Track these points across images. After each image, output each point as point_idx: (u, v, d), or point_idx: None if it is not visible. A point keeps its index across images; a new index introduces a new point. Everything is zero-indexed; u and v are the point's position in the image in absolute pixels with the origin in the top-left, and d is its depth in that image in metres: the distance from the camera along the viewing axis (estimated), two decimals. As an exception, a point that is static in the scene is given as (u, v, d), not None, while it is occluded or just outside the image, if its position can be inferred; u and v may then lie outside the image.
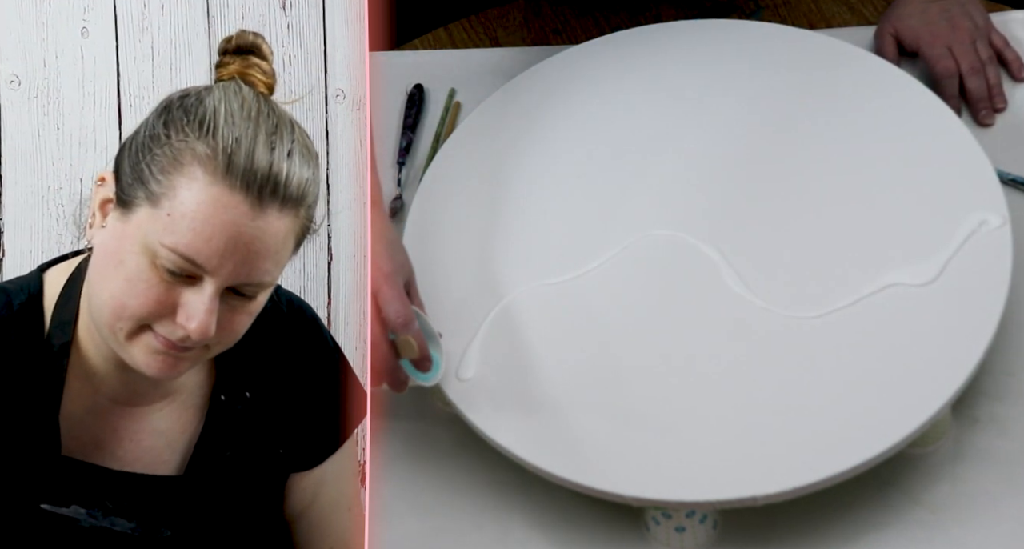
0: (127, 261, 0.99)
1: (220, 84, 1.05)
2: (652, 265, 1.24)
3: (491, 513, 1.22)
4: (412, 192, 1.36)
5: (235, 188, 0.98)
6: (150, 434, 1.12)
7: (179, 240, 0.98)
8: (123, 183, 1.02)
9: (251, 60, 1.06)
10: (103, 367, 1.08)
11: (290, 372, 1.17)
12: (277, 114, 1.03)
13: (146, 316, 1.00)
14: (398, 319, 1.16)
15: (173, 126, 1.01)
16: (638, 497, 1.13)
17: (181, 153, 0.99)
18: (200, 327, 0.99)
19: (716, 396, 1.17)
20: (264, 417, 1.15)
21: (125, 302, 1.00)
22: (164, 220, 0.98)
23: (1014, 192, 1.32)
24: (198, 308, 0.99)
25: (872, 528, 1.17)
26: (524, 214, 1.30)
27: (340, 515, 1.21)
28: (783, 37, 1.37)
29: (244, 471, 1.14)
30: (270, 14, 1.58)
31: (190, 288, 0.99)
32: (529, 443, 1.16)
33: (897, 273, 1.20)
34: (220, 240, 0.98)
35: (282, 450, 1.17)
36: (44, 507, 1.06)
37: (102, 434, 1.10)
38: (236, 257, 0.99)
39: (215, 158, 0.98)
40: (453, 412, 1.22)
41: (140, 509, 1.10)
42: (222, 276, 0.99)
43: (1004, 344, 1.23)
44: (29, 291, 1.08)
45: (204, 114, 1.00)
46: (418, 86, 1.49)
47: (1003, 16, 1.47)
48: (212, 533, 1.13)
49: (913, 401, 1.13)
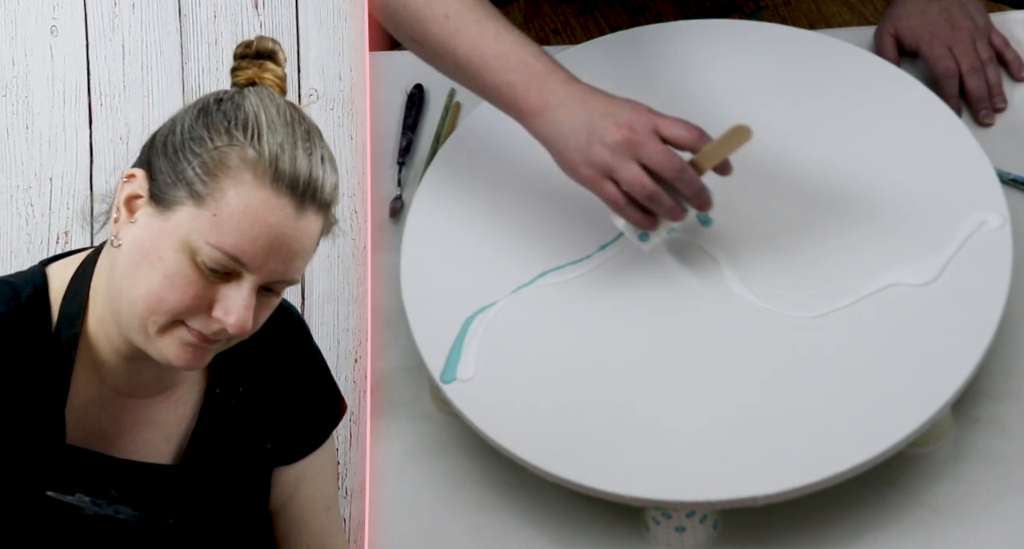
0: (166, 257, 1.03)
1: (252, 89, 1.09)
2: (652, 265, 1.24)
3: (491, 513, 1.22)
4: (412, 192, 1.36)
5: (281, 192, 1.03)
6: (149, 425, 1.15)
7: (225, 239, 1.02)
8: (160, 182, 1.05)
9: (267, 65, 1.10)
10: (111, 359, 1.11)
11: (279, 369, 1.21)
12: (306, 120, 1.08)
13: (183, 311, 1.04)
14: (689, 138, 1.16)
15: (214, 129, 1.05)
16: (638, 497, 1.13)
17: (227, 156, 1.03)
18: (238, 322, 1.04)
19: (716, 396, 1.17)
20: (254, 412, 1.19)
21: (163, 297, 1.04)
22: (210, 220, 1.02)
23: (1014, 192, 1.32)
24: (237, 303, 1.04)
25: (872, 528, 1.17)
26: (524, 214, 1.30)
27: (318, 513, 1.25)
28: (783, 37, 1.37)
29: (235, 462, 1.18)
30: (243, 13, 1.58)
31: (228, 284, 1.04)
32: (529, 443, 1.16)
33: (897, 273, 1.20)
34: (265, 240, 1.03)
35: (270, 445, 1.20)
36: (49, 494, 1.08)
37: (105, 424, 1.12)
38: (278, 256, 1.04)
39: (262, 162, 1.03)
40: (453, 412, 1.22)
41: (143, 498, 1.12)
42: (262, 274, 1.04)
43: (1004, 344, 1.23)
44: (35, 284, 1.10)
45: (246, 118, 1.05)
46: (418, 86, 1.49)
47: (1003, 16, 1.47)
48: (207, 522, 1.16)
49: (913, 401, 1.13)
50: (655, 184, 1.15)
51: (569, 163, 1.18)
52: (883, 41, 1.44)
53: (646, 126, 1.15)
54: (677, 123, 1.16)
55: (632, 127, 1.15)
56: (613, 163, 1.15)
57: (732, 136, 1.16)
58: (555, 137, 1.17)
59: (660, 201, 1.16)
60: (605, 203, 1.18)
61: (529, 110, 1.18)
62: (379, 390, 1.28)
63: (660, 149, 1.15)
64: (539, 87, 1.17)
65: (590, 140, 1.16)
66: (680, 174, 1.15)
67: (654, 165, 1.15)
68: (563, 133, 1.17)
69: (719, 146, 1.16)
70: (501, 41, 1.19)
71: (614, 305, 1.23)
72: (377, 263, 1.35)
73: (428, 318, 1.24)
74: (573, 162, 1.17)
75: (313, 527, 1.25)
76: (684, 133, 1.16)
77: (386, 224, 1.40)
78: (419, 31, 1.21)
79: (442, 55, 1.21)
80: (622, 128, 1.15)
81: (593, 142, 1.16)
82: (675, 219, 1.18)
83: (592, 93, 1.18)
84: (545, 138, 1.19)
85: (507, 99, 1.19)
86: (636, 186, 1.15)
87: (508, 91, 1.19)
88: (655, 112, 1.17)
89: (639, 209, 1.17)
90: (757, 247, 1.24)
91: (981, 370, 1.17)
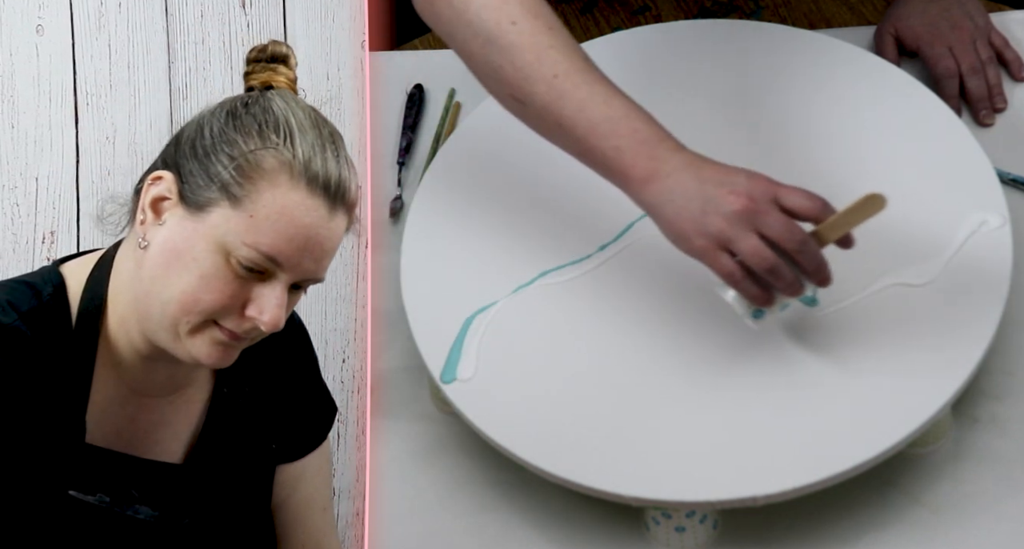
0: (201, 258, 1.05)
1: (275, 92, 1.11)
2: (653, 265, 1.24)
3: (491, 513, 1.22)
4: (412, 192, 1.36)
5: (315, 193, 1.06)
6: (162, 425, 1.16)
7: (261, 239, 1.05)
8: (191, 184, 1.07)
9: (279, 69, 1.13)
10: (129, 358, 1.12)
11: (282, 370, 1.23)
12: (328, 123, 1.11)
13: (217, 311, 1.06)
14: (812, 209, 1.10)
15: (245, 131, 1.07)
16: (638, 497, 1.13)
17: (263, 159, 1.06)
18: (272, 320, 1.07)
19: (716, 396, 1.17)
20: (259, 411, 1.21)
21: (199, 297, 1.06)
22: (246, 221, 1.05)
23: (1014, 192, 1.32)
24: (271, 302, 1.06)
25: (872, 528, 1.17)
26: (524, 214, 1.30)
27: (315, 513, 1.27)
28: (783, 37, 1.37)
29: (241, 461, 1.19)
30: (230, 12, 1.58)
31: (261, 284, 1.07)
32: (529, 443, 1.16)
33: (897, 273, 1.20)
34: (300, 241, 1.06)
35: (274, 445, 1.22)
36: (71, 494, 1.09)
37: (122, 423, 1.14)
38: (311, 256, 1.07)
39: (296, 164, 1.06)
40: (453, 412, 1.22)
41: (160, 497, 1.14)
42: (295, 273, 1.07)
43: (1004, 344, 1.23)
44: (53, 283, 1.12)
45: (277, 121, 1.07)
46: (418, 86, 1.49)
47: (1003, 16, 1.47)
48: (217, 520, 1.17)
49: (913, 401, 1.13)
50: (776, 256, 1.09)
51: (681, 233, 1.11)
52: (883, 41, 1.44)
53: (765, 195, 1.10)
54: (798, 192, 1.10)
55: (751, 196, 1.09)
56: (731, 234, 1.09)
57: (864, 206, 1.09)
58: (664, 206, 1.11)
59: (781, 275, 1.10)
60: (720, 277, 1.12)
61: (637, 177, 1.12)
62: (379, 390, 1.28)
63: (781, 220, 1.09)
64: (649, 154, 1.12)
65: (705, 209, 1.10)
66: (802, 246, 1.09)
67: (775, 236, 1.09)
68: (674, 202, 1.11)
69: (848, 216, 1.09)
70: (611, 105, 1.14)
71: (614, 305, 1.23)
72: (377, 263, 1.35)
73: (428, 318, 1.24)
74: (685, 232, 1.11)
75: (309, 526, 1.27)
76: (807, 203, 1.10)
77: (386, 224, 1.40)
78: (524, 90, 1.16)
79: (545, 116, 1.16)
80: (740, 197, 1.09)
81: (708, 212, 1.10)
82: (794, 294, 1.12)
83: (704, 161, 1.12)
84: (654, 206, 1.13)
85: (613, 165, 1.14)
86: (756, 258, 1.09)
87: (615, 156, 1.13)
88: (774, 181, 1.11)
89: (756, 283, 1.11)
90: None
91: (981, 370, 1.17)
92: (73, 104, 1.60)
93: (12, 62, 1.59)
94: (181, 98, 1.61)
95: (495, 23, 1.16)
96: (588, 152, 1.15)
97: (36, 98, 1.59)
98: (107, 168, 1.60)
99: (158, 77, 1.60)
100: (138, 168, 1.60)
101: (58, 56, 1.59)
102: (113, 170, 1.60)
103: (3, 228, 1.59)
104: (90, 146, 1.60)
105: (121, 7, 1.60)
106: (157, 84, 1.60)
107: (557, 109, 1.15)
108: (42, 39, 1.59)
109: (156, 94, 1.60)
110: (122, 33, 1.60)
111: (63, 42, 1.60)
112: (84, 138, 1.60)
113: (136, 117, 1.60)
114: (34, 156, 1.59)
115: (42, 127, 1.59)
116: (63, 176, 1.59)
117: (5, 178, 1.59)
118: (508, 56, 1.16)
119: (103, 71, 1.60)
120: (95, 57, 1.60)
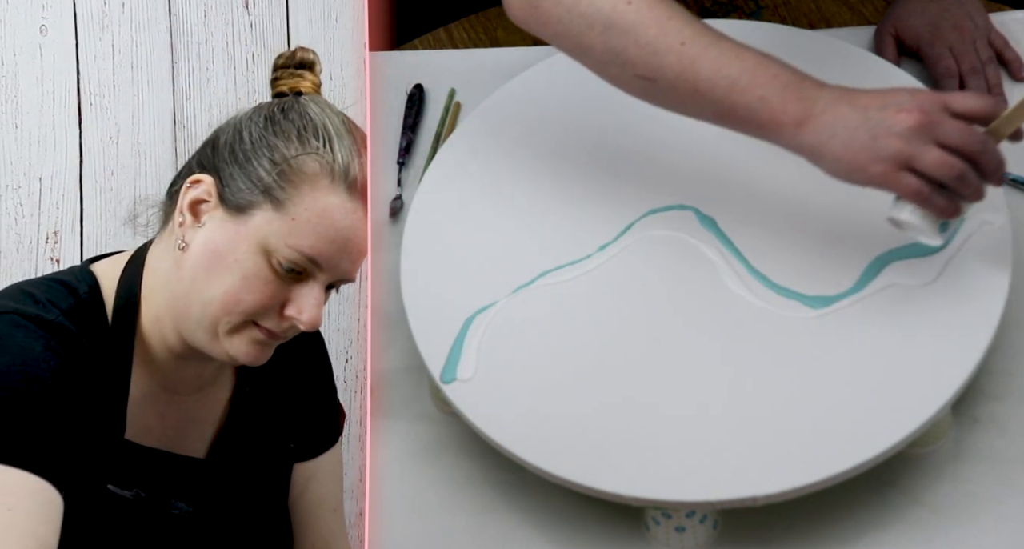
0: (243, 259, 1.08)
1: (308, 98, 1.14)
2: (652, 265, 1.24)
3: (491, 513, 1.22)
4: (412, 192, 1.36)
5: (352, 196, 1.09)
6: (189, 422, 1.19)
7: (303, 242, 1.08)
8: (232, 188, 1.10)
9: (306, 75, 1.16)
10: (162, 356, 1.15)
11: (299, 369, 1.26)
12: (358, 128, 1.14)
13: (258, 310, 1.10)
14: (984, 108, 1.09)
15: (285, 136, 1.10)
16: (638, 497, 1.13)
17: (304, 163, 1.09)
18: (311, 319, 1.10)
19: (716, 396, 1.17)
20: (278, 409, 1.24)
21: (241, 297, 1.09)
22: (289, 224, 1.08)
23: (1014, 192, 1.32)
24: (310, 302, 1.10)
25: (872, 528, 1.17)
26: (524, 214, 1.30)
27: (326, 513, 1.29)
28: (783, 37, 1.37)
29: (260, 458, 1.22)
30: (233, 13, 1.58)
31: (300, 285, 1.10)
32: (529, 443, 1.16)
33: (897, 273, 1.20)
34: (340, 242, 1.10)
35: (292, 444, 1.25)
36: (110, 488, 1.12)
37: (153, 420, 1.16)
38: (348, 257, 1.10)
39: (337, 169, 1.09)
40: (453, 412, 1.22)
41: (192, 492, 1.17)
42: (333, 274, 1.10)
43: (1004, 344, 1.23)
44: (88, 283, 1.14)
45: (316, 127, 1.10)
46: (418, 86, 1.49)
47: (1003, 16, 1.47)
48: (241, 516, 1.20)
49: (913, 401, 1.13)
50: (962, 162, 1.07)
51: (853, 165, 1.09)
52: (883, 41, 1.44)
53: (935, 105, 1.08)
54: (966, 96, 1.09)
55: (922, 109, 1.07)
56: (910, 151, 1.07)
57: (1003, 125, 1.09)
58: (828, 142, 1.09)
59: (968, 180, 1.08)
60: (907, 197, 1.10)
61: (791, 121, 1.10)
62: (379, 390, 1.28)
63: (958, 125, 1.07)
64: (796, 96, 1.10)
65: (875, 134, 1.08)
66: (984, 147, 1.07)
67: (957, 143, 1.07)
68: (838, 136, 1.09)
69: (1019, 110, 1.08)
70: (743, 59, 1.12)
71: (614, 305, 1.23)
72: (377, 263, 1.35)
73: (428, 318, 1.24)
74: (859, 162, 1.08)
75: (321, 527, 1.28)
76: (979, 103, 1.08)
77: (386, 224, 1.40)
78: (652, 65, 1.14)
79: (680, 85, 1.14)
80: (912, 113, 1.07)
81: (879, 136, 1.07)
82: (979, 198, 1.10)
83: (853, 91, 1.11)
84: (816, 147, 1.10)
85: (762, 116, 1.11)
86: (944, 168, 1.07)
87: (762, 107, 1.11)
88: (935, 91, 1.09)
89: (945, 196, 1.10)
90: (756, 247, 1.24)
91: (981, 370, 1.17)
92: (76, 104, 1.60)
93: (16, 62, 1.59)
94: (184, 98, 1.61)
95: (611, 8, 1.15)
96: (731, 111, 1.13)
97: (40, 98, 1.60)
98: (110, 168, 1.60)
99: (161, 77, 1.61)
100: (141, 168, 1.60)
101: (62, 56, 1.60)
102: (116, 170, 1.60)
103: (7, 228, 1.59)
104: (93, 146, 1.60)
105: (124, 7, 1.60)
106: (160, 84, 1.61)
107: (692, 74, 1.13)
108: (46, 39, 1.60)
109: (159, 94, 1.61)
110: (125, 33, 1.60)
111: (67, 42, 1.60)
112: (87, 138, 1.60)
113: (139, 117, 1.61)
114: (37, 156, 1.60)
115: (45, 127, 1.60)
116: (66, 176, 1.60)
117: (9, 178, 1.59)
118: (632, 36, 1.14)
119: (106, 71, 1.60)
120: (98, 57, 1.60)
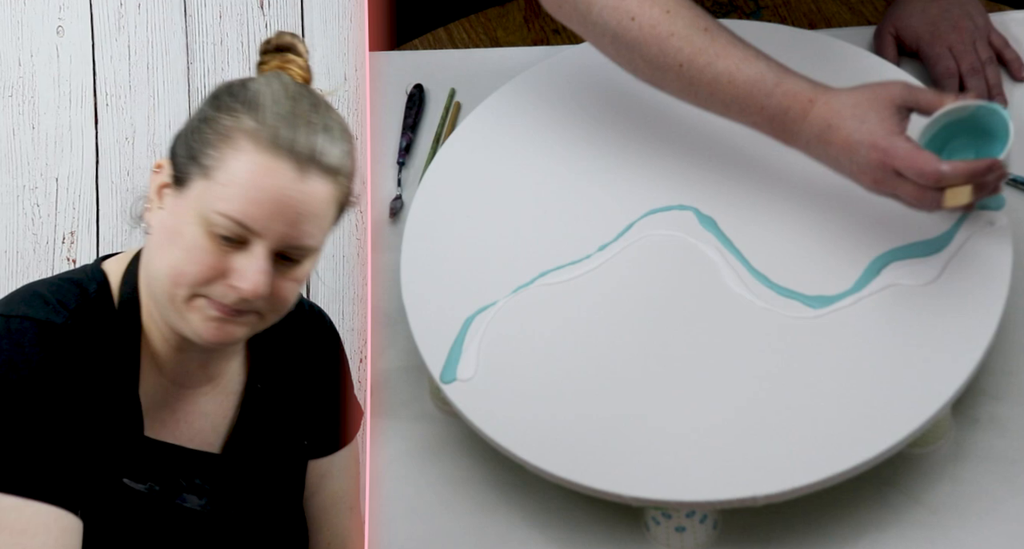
0: (184, 232, 1.08)
1: (266, 75, 1.14)
2: (652, 265, 1.24)
3: (491, 513, 1.22)
4: (412, 192, 1.36)
5: (279, 155, 1.07)
6: (200, 416, 1.19)
7: (231, 206, 1.07)
8: (178, 164, 1.11)
9: (288, 57, 1.15)
10: (163, 349, 1.15)
11: (314, 367, 1.26)
12: (315, 95, 1.12)
13: (202, 281, 1.08)
14: (929, 173, 1.13)
15: (224, 109, 1.10)
16: (638, 497, 1.13)
17: (230, 129, 1.08)
18: (252, 286, 1.07)
19: (716, 396, 1.17)
20: (291, 406, 1.23)
21: (183, 269, 1.08)
22: (218, 190, 1.07)
23: (1014, 192, 1.32)
24: (252, 269, 1.07)
25: (872, 528, 1.17)
26: (524, 214, 1.30)
27: (341, 512, 1.28)
28: (783, 37, 1.37)
29: (274, 453, 1.22)
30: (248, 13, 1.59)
31: (241, 253, 1.08)
32: (529, 443, 1.16)
33: (897, 273, 1.20)
34: (268, 204, 1.07)
35: (306, 441, 1.24)
36: (125, 482, 1.12)
37: (164, 414, 1.17)
38: (283, 219, 1.07)
39: (261, 130, 1.07)
40: (453, 412, 1.22)
41: (204, 487, 1.17)
42: (271, 238, 1.08)
43: (1004, 344, 1.23)
44: (97, 280, 1.15)
45: (248, 95, 1.10)
46: (418, 86, 1.49)
47: (1003, 16, 1.47)
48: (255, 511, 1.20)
49: (913, 401, 1.13)
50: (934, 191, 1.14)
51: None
52: (883, 41, 1.44)
53: (887, 171, 1.15)
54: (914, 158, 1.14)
55: (875, 179, 1.17)
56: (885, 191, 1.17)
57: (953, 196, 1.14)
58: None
59: None
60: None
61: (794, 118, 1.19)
62: (379, 390, 1.28)
63: (910, 189, 1.15)
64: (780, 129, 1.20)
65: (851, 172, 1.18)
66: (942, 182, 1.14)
67: (913, 202, 1.16)
68: None
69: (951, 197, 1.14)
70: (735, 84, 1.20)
71: (614, 305, 1.23)
72: (377, 263, 1.35)
73: (428, 318, 1.24)
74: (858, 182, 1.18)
75: (335, 525, 1.28)
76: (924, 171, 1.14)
77: (386, 224, 1.40)
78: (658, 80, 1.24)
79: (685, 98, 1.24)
80: (866, 175, 1.17)
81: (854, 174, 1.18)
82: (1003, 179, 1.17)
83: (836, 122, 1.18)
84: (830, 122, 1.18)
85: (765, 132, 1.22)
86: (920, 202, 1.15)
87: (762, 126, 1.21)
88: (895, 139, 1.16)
89: None
90: (756, 247, 1.24)
91: (981, 370, 1.17)
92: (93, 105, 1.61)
93: (33, 63, 1.60)
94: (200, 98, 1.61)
95: (616, 22, 1.21)
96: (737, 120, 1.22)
97: (56, 99, 1.61)
98: (126, 168, 1.61)
99: (177, 78, 1.61)
100: (157, 168, 1.61)
101: (78, 57, 1.60)
102: (132, 170, 1.61)
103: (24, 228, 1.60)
104: (110, 146, 1.61)
105: (140, 8, 1.61)
106: (176, 85, 1.61)
107: (692, 95, 1.23)
108: (62, 40, 1.60)
109: (175, 95, 1.62)
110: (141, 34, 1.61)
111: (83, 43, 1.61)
112: (104, 138, 1.61)
113: (155, 117, 1.61)
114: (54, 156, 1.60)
115: (62, 128, 1.60)
116: (83, 176, 1.60)
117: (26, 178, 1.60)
118: (636, 52, 1.22)
119: (122, 72, 1.61)
120: (115, 58, 1.61)
